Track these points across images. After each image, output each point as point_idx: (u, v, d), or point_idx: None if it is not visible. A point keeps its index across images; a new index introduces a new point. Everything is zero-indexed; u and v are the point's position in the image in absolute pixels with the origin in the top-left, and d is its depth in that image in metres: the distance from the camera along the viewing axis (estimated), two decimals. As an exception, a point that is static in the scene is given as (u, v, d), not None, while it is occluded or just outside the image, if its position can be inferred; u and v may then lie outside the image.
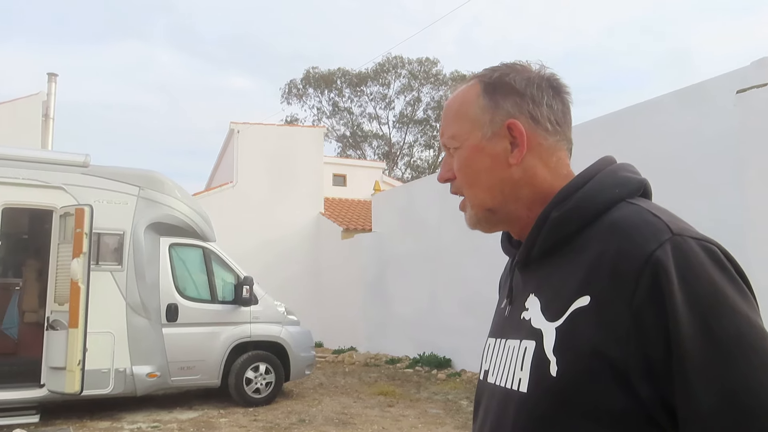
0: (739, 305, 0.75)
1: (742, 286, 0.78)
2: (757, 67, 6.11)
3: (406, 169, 32.39)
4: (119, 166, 7.79)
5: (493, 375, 0.97)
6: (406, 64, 30.72)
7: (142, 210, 7.53)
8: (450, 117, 1.01)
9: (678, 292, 0.74)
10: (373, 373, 10.85)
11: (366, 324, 13.42)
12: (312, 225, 16.20)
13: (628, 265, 0.78)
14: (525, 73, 0.97)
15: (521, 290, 0.97)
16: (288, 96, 31.57)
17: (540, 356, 0.85)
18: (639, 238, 0.79)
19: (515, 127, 0.94)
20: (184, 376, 7.60)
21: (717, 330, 0.73)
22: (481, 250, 9.83)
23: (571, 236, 0.88)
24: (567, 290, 0.84)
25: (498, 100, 0.95)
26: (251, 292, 8.11)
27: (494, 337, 1.03)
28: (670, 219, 0.82)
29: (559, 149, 0.96)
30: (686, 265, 0.76)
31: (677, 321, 0.73)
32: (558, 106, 0.97)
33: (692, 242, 0.78)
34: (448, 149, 1.02)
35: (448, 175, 1.02)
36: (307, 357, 8.59)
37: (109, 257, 7.25)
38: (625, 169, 0.94)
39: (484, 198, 0.97)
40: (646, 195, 0.92)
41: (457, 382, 9.67)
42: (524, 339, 0.90)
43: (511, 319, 0.97)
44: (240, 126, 15.97)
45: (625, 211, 0.85)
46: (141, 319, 7.29)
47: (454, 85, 1.05)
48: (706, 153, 6.74)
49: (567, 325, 0.83)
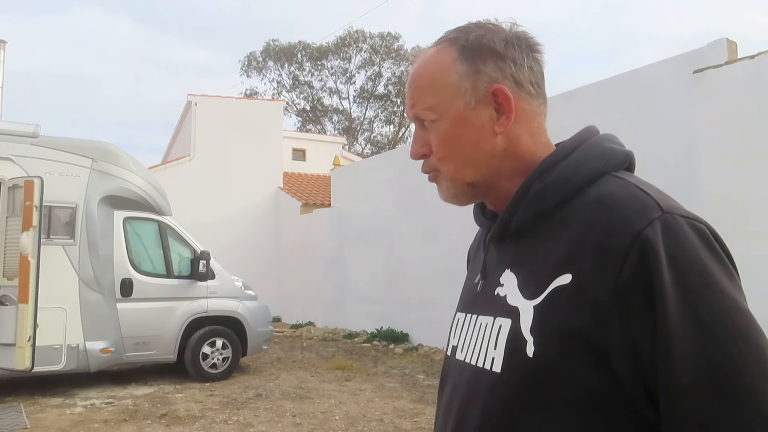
0: (727, 288, 0.72)
1: (729, 267, 0.75)
2: (713, 48, 6.22)
3: (366, 145, 32.32)
4: (71, 138, 7.57)
5: (463, 352, 0.92)
6: (367, 38, 30.46)
7: (96, 183, 7.35)
8: (423, 86, 0.90)
9: (667, 273, 0.71)
10: (331, 348, 10.92)
11: (324, 299, 13.47)
12: (271, 200, 16.06)
13: (615, 243, 0.73)
14: (500, 33, 0.88)
15: (495, 265, 0.91)
16: (247, 69, 31.01)
17: (516, 335, 0.81)
18: (628, 215, 0.75)
19: (501, 92, 0.86)
20: (140, 352, 7.52)
21: (705, 313, 0.70)
22: (440, 225, 9.94)
23: (552, 210, 0.83)
24: (547, 267, 0.80)
25: (478, 65, 0.87)
26: (208, 267, 8.04)
27: (464, 312, 0.98)
28: (659, 195, 0.77)
29: (539, 114, 0.90)
30: (676, 244, 0.72)
31: (665, 302, 0.70)
32: (536, 67, 0.90)
33: (682, 221, 0.74)
34: (421, 122, 0.91)
35: (423, 151, 0.92)
36: (265, 332, 8.58)
37: (60, 231, 7.07)
38: (609, 141, 0.89)
39: (467, 172, 0.89)
40: (630, 168, 0.87)
41: (414, 356, 9.82)
42: (499, 316, 0.85)
43: (484, 294, 0.92)
44: (198, 98, 15.63)
45: (612, 185, 0.80)
46: (94, 294, 7.16)
47: (418, 51, 0.95)
48: (663, 131, 6.81)
49: (546, 303, 0.78)
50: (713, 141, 5.64)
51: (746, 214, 5.30)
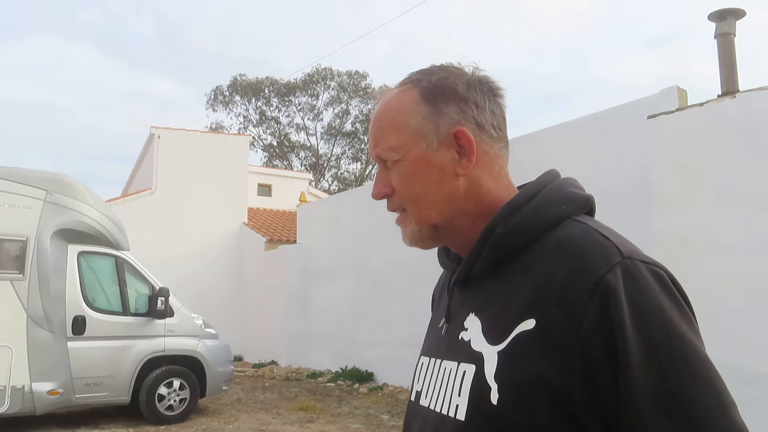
0: (685, 332, 0.74)
1: (687, 312, 0.76)
2: (666, 96, 6.60)
3: (333, 181, 32.28)
4: (24, 168, 7.31)
5: (427, 398, 0.91)
6: (335, 76, 30.71)
7: (49, 215, 7.07)
8: (386, 126, 0.91)
9: (628, 319, 0.71)
10: (294, 388, 10.62)
11: (288, 337, 13.16)
12: (234, 235, 15.79)
13: (577, 289, 0.74)
14: (463, 76, 0.90)
15: (460, 308, 0.90)
16: (213, 103, 30.88)
17: (480, 382, 0.80)
18: (589, 260, 0.75)
19: (463, 134, 0.87)
20: (91, 393, 7.16)
21: (666, 359, 0.71)
22: (406, 264, 9.85)
23: (515, 254, 0.83)
24: (511, 312, 0.80)
25: (440, 106, 0.88)
26: (166, 304, 7.76)
27: (428, 356, 0.96)
28: (619, 240, 0.78)
29: (501, 157, 0.91)
30: (636, 290, 0.73)
31: (626, 348, 0.71)
32: (498, 111, 0.91)
33: (642, 266, 0.75)
34: (383, 162, 0.92)
35: (385, 191, 0.92)
36: (225, 372, 8.29)
37: (9, 265, 6.75)
38: (570, 185, 0.90)
39: (430, 213, 0.89)
40: (591, 212, 0.88)
41: (379, 396, 9.60)
42: (463, 362, 0.84)
43: (448, 338, 0.91)
44: (161, 131, 15.42)
45: (573, 229, 0.81)
46: (43, 332, 6.80)
47: (383, 91, 0.97)
48: (618, 175, 7.04)
49: (510, 349, 0.78)
50: (665, 183, 5.83)
51: (696, 254, 5.45)
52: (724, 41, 5.93)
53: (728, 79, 5.81)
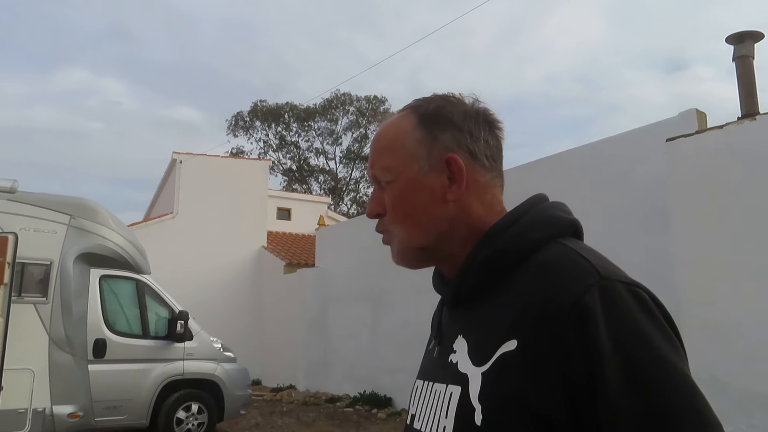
0: (665, 352, 0.73)
1: (668, 332, 0.76)
2: (685, 118, 6.59)
3: (351, 205, 32.40)
4: (49, 193, 7.44)
5: (419, 420, 0.92)
6: (354, 101, 31.02)
7: (73, 239, 7.17)
8: (382, 148, 0.96)
9: (605, 339, 0.71)
10: (312, 413, 10.55)
11: (306, 361, 13.12)
12: (254, 259, 15.88)
13: (554, 310, 0.74)
14: (461, 106, 0.93)
15: (450, 331, 0.92)
16: (234, 128, 31.29)
17: (465, 404, 0.80)
18: (566, 281, 0.76)
19: (454, 162, 0.90)
20: (110, 416, 7.18)
21: (642, 378, 0.71)
22: (424, 288, 9.80)
23: (499, 276, 0.85)
24: (494, 333, 0.80)
25: (435, 133, 0.91)
26: (186, 328, 7.80)
27: (422, 379, 0.98)
28: (598, 261, 0.79)
29: (493, 186, 0.93)
30: (613, 310, 0.73)
31: (603, 369, 0.70)
32: (493, 142, 0.94)
33: (620, 286, 0.75)
34: (378, 182, 0.96)
35: (378, 209, 0.96)
36: (243, 396, 8.28)
37: (33, 289, 6.83)
38: (556, 208, 0.91)
39: (417, 236, 0.92)
40: (577, 235, 0.89)
41: (398, 421, 9.50)
42: (450, 384, 0.85)
43: (440, 361, 0.93)
44: (183, 156, 15.66)
45: (554, 251, 0.82)
46: (65, 355, 6.86)
47: (385, 115, 1.00)
48: (638, 198, 6.99)
49: (493, 370, 0.78)
50: (685, 206, 5.78)
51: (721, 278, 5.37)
52: (742, 64, 5.91)
53: (748, 102, 5.77)
